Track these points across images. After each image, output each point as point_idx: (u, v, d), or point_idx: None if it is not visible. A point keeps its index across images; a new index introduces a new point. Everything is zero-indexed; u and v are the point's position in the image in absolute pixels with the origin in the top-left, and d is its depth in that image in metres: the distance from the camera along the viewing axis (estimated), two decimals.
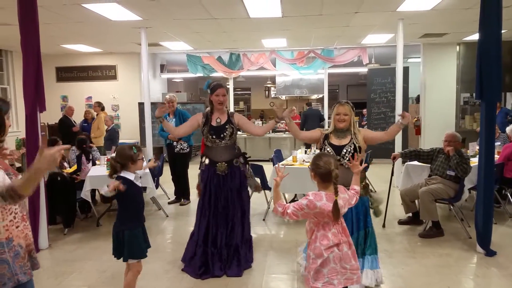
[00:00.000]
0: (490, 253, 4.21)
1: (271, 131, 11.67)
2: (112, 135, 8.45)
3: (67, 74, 11.09)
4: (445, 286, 3.55)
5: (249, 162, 4.08)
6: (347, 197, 2.46)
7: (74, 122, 9.19)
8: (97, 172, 5.45)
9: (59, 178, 5.19)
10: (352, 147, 3.32)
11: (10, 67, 10.12)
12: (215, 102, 3.86)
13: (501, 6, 4.03)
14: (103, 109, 9.31)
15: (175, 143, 6.32)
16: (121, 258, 3.00)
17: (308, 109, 10.53)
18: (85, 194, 5.21)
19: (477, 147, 6.46)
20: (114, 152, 6.12)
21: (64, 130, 8.88)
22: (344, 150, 3.30)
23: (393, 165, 5.46)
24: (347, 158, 3.21)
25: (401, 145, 7.39)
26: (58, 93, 11.08)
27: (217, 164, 3.80)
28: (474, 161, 5.49)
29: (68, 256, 4.40)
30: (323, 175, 2.37)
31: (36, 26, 4.32)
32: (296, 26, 7.57)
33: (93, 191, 5.81)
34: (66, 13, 6.36)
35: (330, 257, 2.35)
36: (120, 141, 8.99)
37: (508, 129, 5.98)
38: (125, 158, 2.95)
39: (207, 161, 3.88)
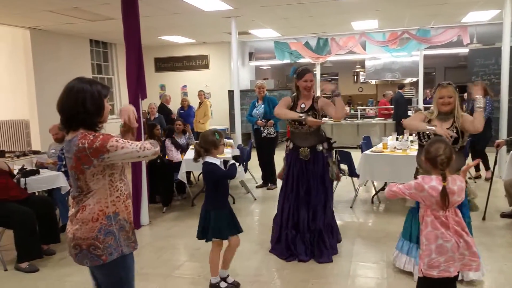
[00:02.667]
0: None
1: (359, 116, 11.40)
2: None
3: (165, 64, 11.85)
4: None
5: (334, 149, 4.01)
6: (455, 189, 2.33)
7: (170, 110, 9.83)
8: (192, 156, 5.76)
9: (158, 161, 5.63)
10: (455, 131, 3.14)
11: (115, 59, 11.11)
12: (302, 88, 3.83)
13: None
14: (206, 97, 9.84)
15: (262, 128, 6.47)
16: (204, 239, 3.15)
17: (397, 93, 10.03)
18: (182, 176, 5.57)
19: None
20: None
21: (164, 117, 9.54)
22: None
23: (497, 153, 5.04)
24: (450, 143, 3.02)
25: (506, 131, 6.75)
26: (157, 83, 11.90)
27: (300, 149, 3.81)
28: None
29: (166, 233, 4.78)
30: (432, 160, 2.34)
31: (137, 19, 4.67)
32: (388, 5, 7.23)
33: (188, 173, 6.20)
34: (164, 6, 6.79)
35: (448, 246, 2.30)
36: (211, 126, 9.43)
37: None
38: (208, 143, 3.08)
39: (291, 145, 3.91)
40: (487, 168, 6.64)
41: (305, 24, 8.70)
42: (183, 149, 6.31)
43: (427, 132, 3.23)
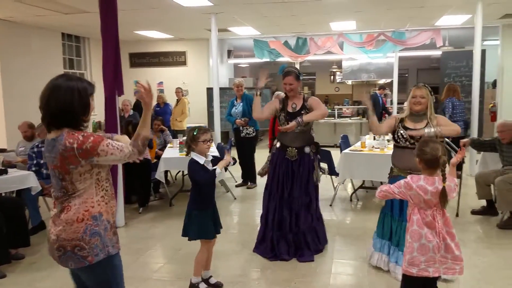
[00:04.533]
0: None
1: (336, 116, 11.54)
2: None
3: (140, 60, 11.63)
4: None
5: (319, 153, 3.99)
6: (452, 187, 2.39)
7: None
8: (171, 154, 5.70)
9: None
10: (433, 130, 3.21)
11: (88, 53, 10.79)
12: (283, 89, 3.87)
13: None
14: (183, 94, 9.72)
15: (241, 128, 6.45)
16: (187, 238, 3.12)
17: (373, 93, 10.13)
18: (159, 175, 5.49)
19: None
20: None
21: (138, 114, 9.38)
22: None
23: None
24: None
25: (477, 131, 6.97)
26: (131, 79, 11.66)
27: (288, 149, 3.80)
28: None
29: (143, 234, 4.66)
30: (429, 161, 2.35)
31: (115, 12, 4.52)
32: (368, 7, 7.33)
33: (166, 172, 6.11)
34: (141, 0, 6.63)
35: (430, 246, 2.34)
36: (188, 125, 9.33)
37: None
38: (188, 139, 3.05)
39: (278, 144, 3.89)
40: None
41: (285, 23, 8.71)
42: (150, 146, 6.27)
43: (401, 133, 3.30)
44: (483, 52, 8.57)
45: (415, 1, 6.92)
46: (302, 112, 3.78)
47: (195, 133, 3.01)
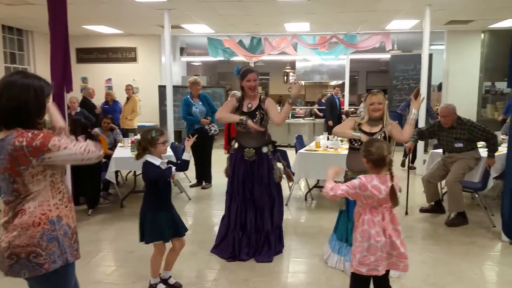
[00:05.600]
0: None
1: (290, 116, 11.66)
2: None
3: (87, 55, 11.14)
4: (472, 274, 3.55)
5: (277, 152, 3.97)
6: (398, 184, 2.45)
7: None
8: (122, 154, 5.49)
9: None
10: (383, 135, 3.34)
11: (31, 48, 10.19)
12: (246, 88, 3.77)
13: None
14: (134, 92, 9.40)
15: (207, 127, 6.29)
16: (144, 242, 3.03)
17: (330, 95, 10.29)
18: (110, 175, 5.27)
19: (501, 137, 6.41)
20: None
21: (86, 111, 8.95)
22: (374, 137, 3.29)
23: (409, 154, 5.66)
24: None
25: None
26: (78, 75, 11.14)
27: (245, 150, 3.75)
28: (501, 150, 5.43)
29: (93, 237, 4.45)
30: (376, 160, 2.39)
31: (64, 4, 4.28)
32: (321, 10, 7.45)
33: (117, 173, 5.87)
34: None
35: (378, 246, 2.38)
36: (139, 124, 9.06)
37: None
38: (145, 141, 2.94)
39: (236, 145, 3.84)
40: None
41: (240, 22, 8.67)
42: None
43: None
44: (430, 56, 8.98)
45: (367, 5, 7.12)
46: (257, 112, 3.74)
47: (153, 136, 2.92)
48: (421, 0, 6.64)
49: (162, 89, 9.68)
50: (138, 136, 3.82)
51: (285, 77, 16.51)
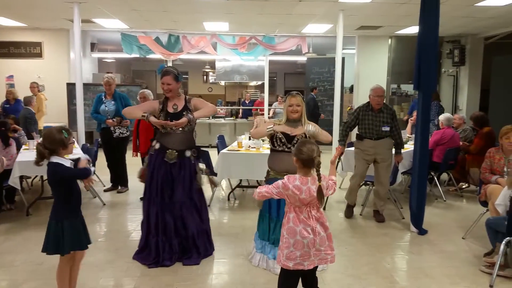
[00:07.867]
0: (422, 232, 4.58)
1: (211, 116, 11.57)
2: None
3: None
4: (386, 263, 3.78)
5: (200, 158, 3.90)
6: (325, 185, 2.53)
7: None
8: (27, 158, 4.98)
9: None
10: (303, 136, 3.41)
11: None
12: (162, 90, 3.69)
13: (439, 1, 4.26)
14: (39, 90, 8.65)
15: (112, 128, 5.97)
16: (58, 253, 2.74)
17: (310, 95, 10.19)
18: (14, 181, 4.78)
19: (407, 135, 6.96)
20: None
21: None
22: (296, 139, 3.39)
23: (339, 157, 5.73)
24: None
25: (338, 130, 7.60)
26: None
27: (167, 151, 3.60)
28: (407, 148, 5.89)
29: None
30: (305, 161, 2.46)
31: None
32: (240, 10, 7.47)
33: (21, 178, 5.34)
34: None
35: (304, 242, 2.46)
36: (45, 124, 8.38)
37: (441, 117, 6.39)
38: (56, 143, 2.67)
39: (157, 145, 3.66)
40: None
41: (157, 18, 8.37)
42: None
43: (279, 137, 3.45)
44: (343, 59, 9.44)
45: (284, 9, 7.29)
46: (184, 113, 3.63)
47: (66, 136, 2.70)
48: (335, 5, 6.95)
49: (71, 87, 9.05)
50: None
51: (205, 77, 16.35)
